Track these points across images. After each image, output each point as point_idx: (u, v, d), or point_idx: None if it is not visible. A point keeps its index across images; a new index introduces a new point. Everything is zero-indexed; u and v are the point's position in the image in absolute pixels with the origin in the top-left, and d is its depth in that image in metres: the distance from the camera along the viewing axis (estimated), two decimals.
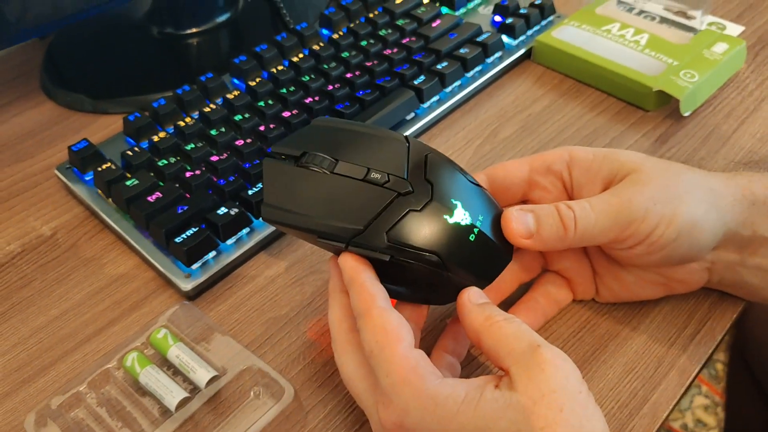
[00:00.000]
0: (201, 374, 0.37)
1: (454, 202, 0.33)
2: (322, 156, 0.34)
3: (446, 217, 0.33)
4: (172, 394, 0.36)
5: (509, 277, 0.39)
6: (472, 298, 0.33)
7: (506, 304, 0.39)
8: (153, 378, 0.37)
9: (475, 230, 0.33)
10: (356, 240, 0.32)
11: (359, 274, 0.33)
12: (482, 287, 0.34)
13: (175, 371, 0.38)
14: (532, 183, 0.38)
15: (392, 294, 0.35)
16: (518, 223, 0.34)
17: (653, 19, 0.58)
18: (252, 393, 0.37)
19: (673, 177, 0.35)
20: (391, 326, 0.31)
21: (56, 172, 0.50)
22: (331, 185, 0.34)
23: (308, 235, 0.34)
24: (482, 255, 0.34)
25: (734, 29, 0.59)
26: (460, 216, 0.33)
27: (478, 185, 0.36)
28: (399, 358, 0.30)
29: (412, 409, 0.30)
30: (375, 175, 0.33)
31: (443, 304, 0.36)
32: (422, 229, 0.32)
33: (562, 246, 0.35)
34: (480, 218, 0.34)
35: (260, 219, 0.45)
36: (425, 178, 0.34)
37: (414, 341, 0.31)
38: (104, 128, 0.56)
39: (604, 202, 0.34)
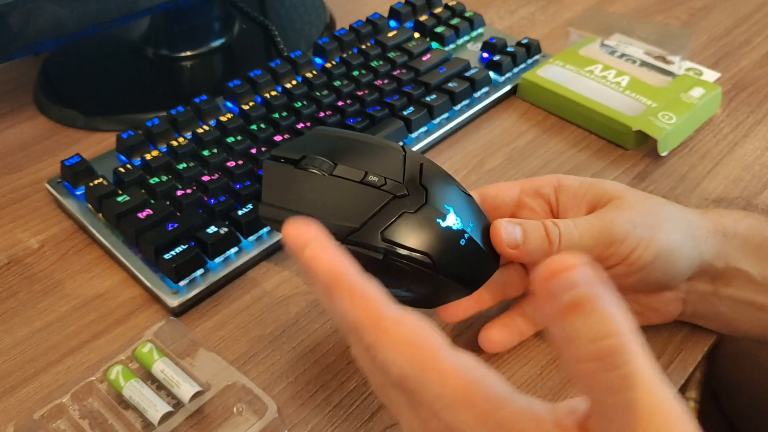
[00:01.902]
0: (185, 389, 0.38)
1: (447, 207, 0.35)
2: (321, 159, 0.36)
3: (439, 220, 0.34)
4: (155, 407, 0.37)
5: (492, 289, 0.40)
6: (555, 289, 0.23)
7: (484, 319, 0.40)
8: (137, 391, 0.37)
9: (466, 236, 0.35)
10: (351, 238, 0.33)
11: (344, 274, 0.26)
12: (469, 292, 0.35)
13: (159, 385, 0.39)
14: (521, 204, 0.39)
15: None
16: (507, 233, 0.36)
17: (634, 62, 0.61)
18: (235, 409, 0.38)
19: (653, 206, 0.37)
20: (420, 336, 0.25)
21: (47, 185, 0.51)
22: (328, 186, 0.35)
23: None
24: (471, 260, 0.35)
25: (711, 75, 0.62)
26: (452, 221, 0.34)
27: (470, 195, 0.37)
28: (451, 376, 0.25)
29: None
30: (372, 178, 0.35)
31: (430, 307, 0.37)
32: (415, 231, 0.33)
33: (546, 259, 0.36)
34: (470, 225, 0.35)
35: (248, 239, 0.46)
36: (420, 183, 0.35)
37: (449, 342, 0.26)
38: (95, 145, 0.57)
39: (587, 222, 0.36)
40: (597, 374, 0.23)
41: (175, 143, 0.51)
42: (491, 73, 0.60)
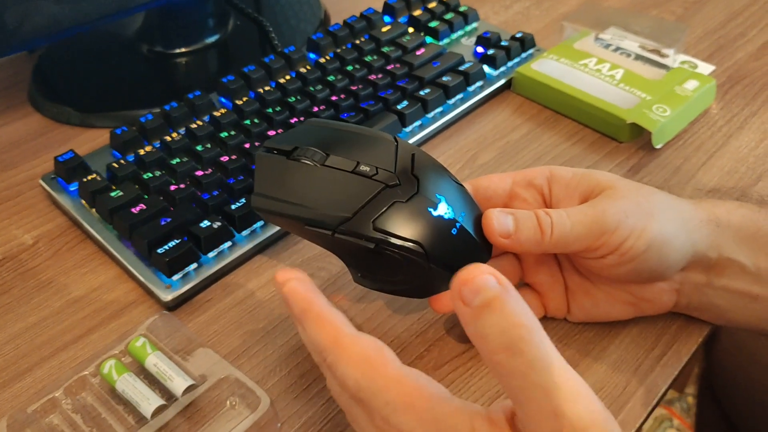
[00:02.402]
0: (178, 383, 0.38)
1: (439, 197, 0.35)
2: (313, 150, 0.36)
3: (430, 209, 0.34)
4: (148, 401, 0.37)
5: None
6: (466, 296, 0.27)
7: None
8: (130, 385, 0.37)
9: (457, 225, 0.35)
10: (343, 227, 0.34)
11: (312, 305, 0.31)
12: None
13: (152, 379, 0.39)
14: (514, 195, 0.39)
15: (373, 285, 0.36)
16: (499, 222, 0.36)
17: (629, 55, 0.61)
18: (228, 402, 0.38)
19: (646, 196, 0.37)
20: (373, 352, 0.30)
21: (41, 182, 0.51)
22: (320, 176, 0.35)
23: (296, 224, 0.35)
24: (463, 249, 0.35)
25: (705, 68, 0.62)
26: (444, 210, 0.34)
27: (462, 186, 0.37)
28: (395, 381, 0.29)
29: None
30: (364, 168, 0.35)
31: (421, 297, 0.37)
32: (407, 220, 0.33)
33: (538, 249, 0.36)
34: (462, 215, 0.35)
35: (242, 234, 0.46)
36: (412, 173, 0.35)
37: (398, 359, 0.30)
38: (90, 141, 0.57)
39: (580, 212, 0.36)
40: (508, 362, 0.26)
41: (168, 139, 0.51)
42: (485, 67, 0.60)
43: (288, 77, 0.57)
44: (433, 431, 0.28)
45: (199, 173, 0.48)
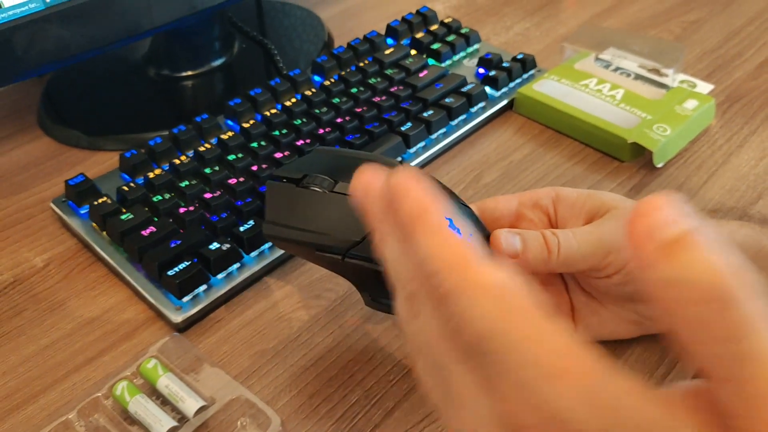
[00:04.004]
0: (189, 404, 0.38)
1: (446, 218, 0.35)
2: (321, 177, 0.37)
3: None
4: (160, 422, 0.37)
5: None
6: (653, 230, 0.20)
7: None
8: (142, 407, 0.38)
9: None
10: (353, 251, 0.34)
11: (438, 206, 0.23)
12: None
13: (164, 401, 0.39)
14: (520, 216, 0.40)
15: (384, 308, 0.37)
16: (506, 242, 0.36)
17: (629, 75, 0.62)
18: (239, 423, 0.38)
19: None
20: (519, 288, 0.21)
21: (52, 205, 0.51)
22: (329, 202, 0.36)
23: (307, 250, 0.36)
24: None
25: (704, 87, 0.63)
26: None
27: (468, 207, 0.38)
28: (550, 336, 0.20)
29: (578, 412, 0.19)
30: None
31: None
32: None
33: (545, 268, 0.37)
34: (470, 236, 0.36)
35: (251, 255, 0.47)
36: None
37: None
38: (99, 164, 0.58)
39: (586, 232, 0.37)
40: (706, 321, 0.19)
41: (177, 161, 0.52)
42: (487, 89, 0.61)
43: (294, 100, 0.58)
44: (611, 423, 0.19)
45: (208, 196, 0.49)
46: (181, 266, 0.44)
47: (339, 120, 0.56)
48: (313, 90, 0.59)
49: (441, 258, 0.22)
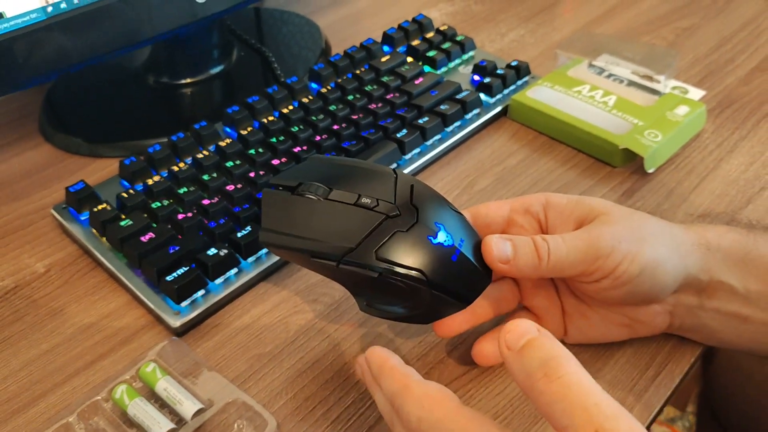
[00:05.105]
0: (187, 406, 0.39)
1: (438, 224, 0.36)
2: (316, 185, 0.37)
3: (430, 238, 0.36)
4: (159, 425, 0.38)
5: (486, 305, 0.41)
6: (510, 342, 0.31)
7: (477, 334, 0.42)
8: (141, 409, 0.39)
9: (457, 252, 0.36)
10: (347, 258, 0.35)
11: (387, 361, 0.35)
12: (463, 306, 0.37)
13: (162, 404, 0.40)
14: (511, 222, 0.41)
15: (379, 314, 0.38)
16: (498, 248, 0.37)
17: (621, 82, 0.62)
18: (236, 425, 0.39)
19: (638, 221, 0.39)
20: (435, 391, 0.33)
21: (52, 211, 0.52)
22: (324, 210, 0.37)
23: (302, 256, 0.37)
24: (463, 275, 0.37)
25: (696, 93, 0.64)
26: (443, 238, 0.36)
27: (460, 214, 0.39)
28: (453, 413, 0.31)
29: None
30: (365, 200, 0.36)
31: (426, 323, 0.39)
32: (408, 249, 0.35)
33: (535, 274, 0.38)
34: (461, 242, 0.37)
35: (248, 260, 0.47)
36: (411, 203, 0.37)
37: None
38: (99, 171, 0.59)
39: (575, 237, 0.38)
40: (549, 387, 0.29)
41: (176, 168, 0.53)
42: (482, 95, 0.62)
43: (291, 107, 0.59)
44: None
45: (206, 202, 0.50)
46: (180, 272, 0.45)
47: (335, 127, 0.56)
48: (310, 97, 0.60)
49: (393, 387, 0.34)
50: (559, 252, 0.37)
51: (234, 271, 0.47)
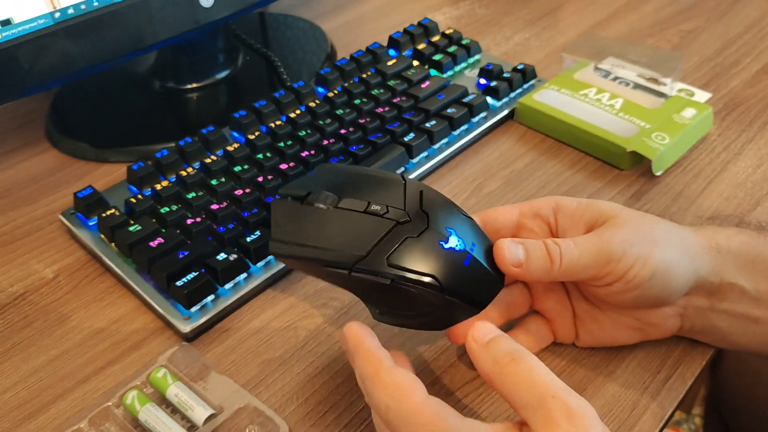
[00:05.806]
0: (199, 412, 0.39)
1: (449, 230, 0.36)
2: (326, 194, 0.37)
3: (441, 243, 0.35)
4: (170, 430, 0.38)
5: (498, 309, 0.41)
6: (477, 337, 0.34)
7: None
8: (152, 415, 0.39)
9: (469, 256, 0.36)
10: (359, 266, 0.35)
11: (364, 341, 0.35)
12: (477, 311, 0.37)
13: (173, 409, 0.40)
14: (521, 226, 0.41)
15: (392, 320, 0.38)
16: (510, 252, 0.37)
17: (627, 84, 0.62)
18: (248, 431, 0.39)
19: (649, 224, 0.39)
20: (403, 381, 0.33)
21: (60, 217, 0.52)
22: (334, 218, 0.36)
23: (313, 266, 0.37)
24: (476, 280, 0.36)
25: (702, 95, 0.64)
26: (454, 242, 0.36)
27: (470, 218, 0.39)
28: (419, 407, 0.32)
29: None
30: (375, 207, 0.36)
31: (440, 329, 0.39)
32: (420, 254, 0.35)
33: (547, 278, 0.38)
34: (473, 246, 0.37)
35: (257, 265, 0.47)
36: (421, 209, 0.37)
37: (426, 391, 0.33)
38: (106, 176, 0.59)
39: (587, 241, 0.38)
40: (515, 369, 0.32)
41: (184, 173, 0.53)
42: (488, 99, 0.62)
43: (298, 111, 0.59)
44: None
45: (215, 207, 0.50)
46: (189, 277, 0.45)
47: (343, 131, 0.56)
48: (317, 101, 0.60)
49: (365, 371, 0.34)
50: (571, 255, 0.37)
51: (243, 275, 0.47)
